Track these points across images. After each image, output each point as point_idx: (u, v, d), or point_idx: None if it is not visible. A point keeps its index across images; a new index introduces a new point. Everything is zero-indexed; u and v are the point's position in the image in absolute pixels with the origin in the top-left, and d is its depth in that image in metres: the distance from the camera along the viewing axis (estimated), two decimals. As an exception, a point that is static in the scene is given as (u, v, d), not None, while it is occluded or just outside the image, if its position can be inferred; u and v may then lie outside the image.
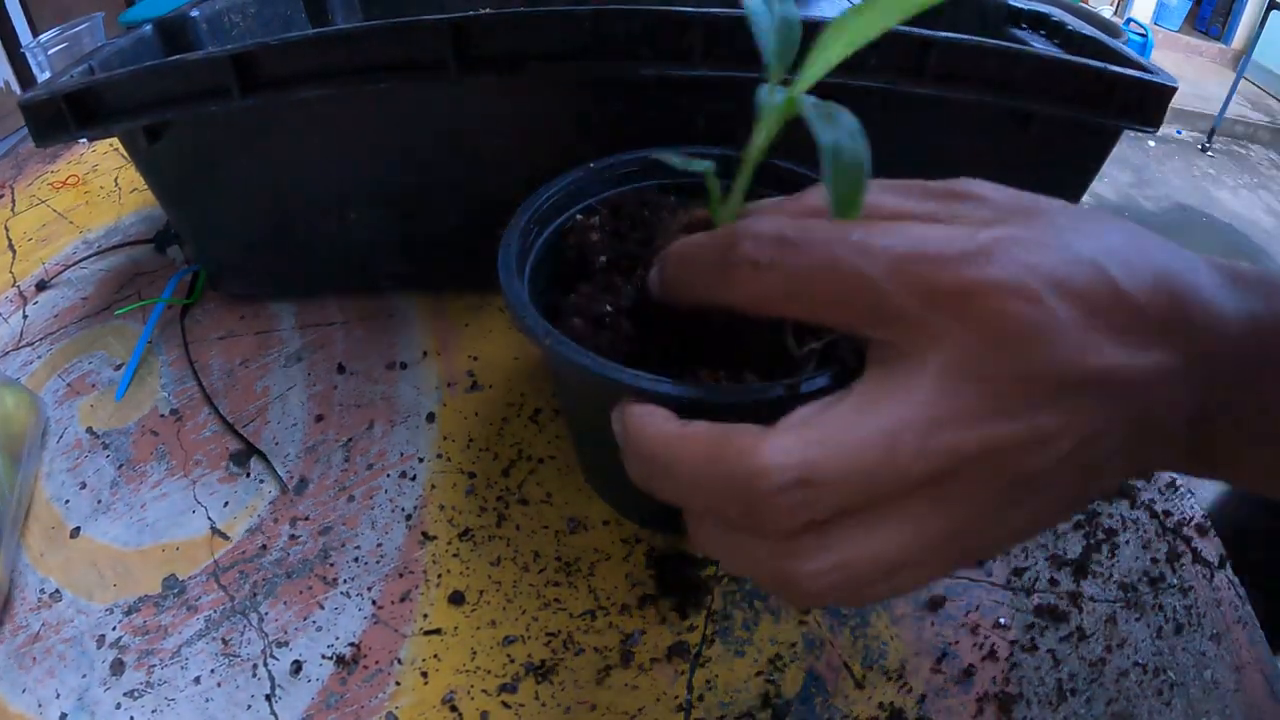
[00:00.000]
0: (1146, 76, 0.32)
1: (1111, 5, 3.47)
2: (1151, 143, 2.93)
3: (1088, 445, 0.16)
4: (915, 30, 0.31)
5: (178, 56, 0.33)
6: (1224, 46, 3.58)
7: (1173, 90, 0.32)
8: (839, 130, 0.20)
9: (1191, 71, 3.30)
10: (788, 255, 0.17)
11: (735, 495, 0.16)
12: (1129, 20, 3.28)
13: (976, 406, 0.15)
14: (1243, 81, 2.89)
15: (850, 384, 0.17)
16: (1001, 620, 0.30)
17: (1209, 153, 2.91)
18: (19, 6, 1.69)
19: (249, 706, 0.27)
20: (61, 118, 0.34)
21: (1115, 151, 0.36)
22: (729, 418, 0.24)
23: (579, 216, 0.30)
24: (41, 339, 0.43)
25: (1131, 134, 0.37)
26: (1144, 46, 2.89)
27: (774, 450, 0.15)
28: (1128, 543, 0.32)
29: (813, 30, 0.21)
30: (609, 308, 0.25)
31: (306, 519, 0.33)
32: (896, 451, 0.15)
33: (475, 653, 0.29)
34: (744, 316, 0.22)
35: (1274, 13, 2.77)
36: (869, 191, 0.18)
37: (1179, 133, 3.03)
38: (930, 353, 0.16)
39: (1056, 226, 0.17)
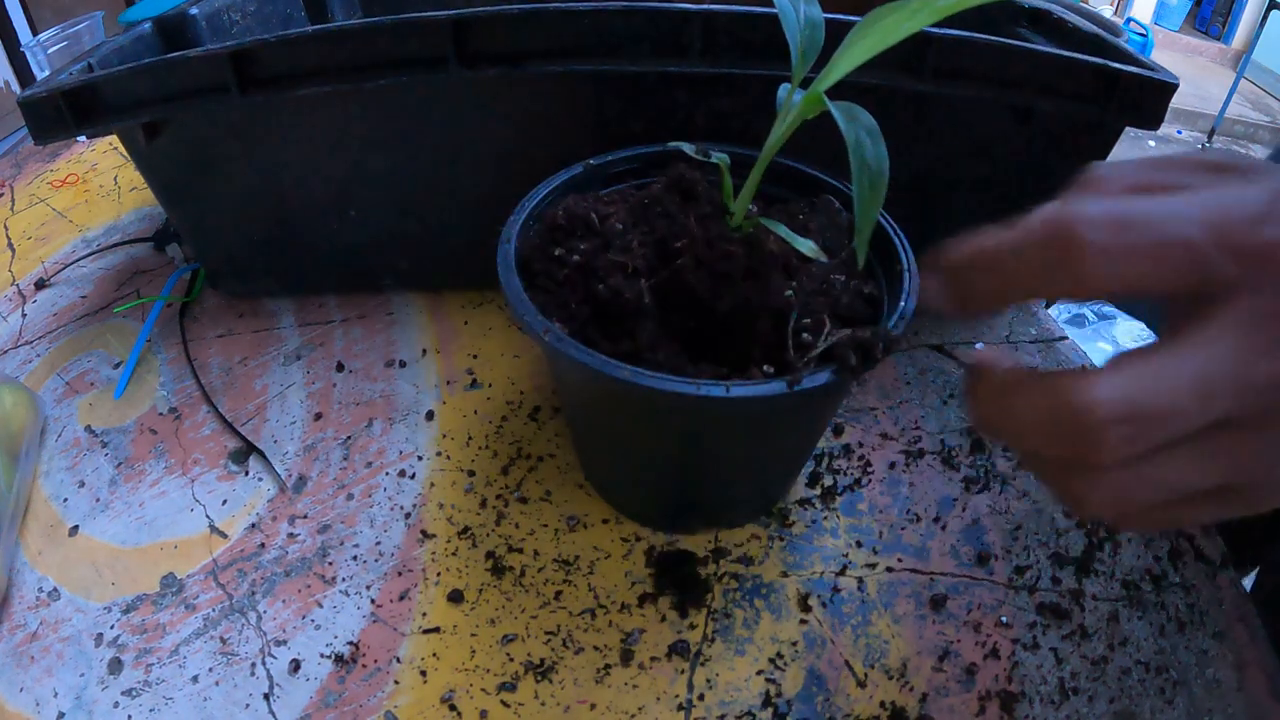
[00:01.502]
0: (1148, 73, 0.32)
1: (1111, 5, 3.47)
2: (1152, 143, 2.93)
3: None
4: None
5: (176, 53, 0.33)
6: (1224, 46, 3.58)
7: (1174, 87, 0.32)
8: (860, 128, 0.21)
9: (1191, 71, 3.30)
10: (1125, 235, 0.18)
11: (1067, 432, 0.17)
12: (1129, 20, 3.28)
13: (1276, 341, 0.17)
14: (1243, 81, 2.89)
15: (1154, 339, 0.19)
16: (1003, 619, 0.30)
17: (1209, 153, 2.90)
18: (19, 6, 1.69)
19: (247, 705, 0.27)
20: (60, 115, 0.34)
21: (1115, 151, 0.36)
22: (731, 414, 0.24)
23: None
24: (40, 337, 0.43)
25: (1132, 134, 0.37)
26: (1144, 46, 2.89)
27: (1103, 387, 0.17)
28: (1130, 540, 0.32)
29: (835, 30, 0.21)
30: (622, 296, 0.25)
31: (305, 517, 0.33)
32: (1210, 390, 0.17)
33: (474, 651, 0.29)
34: (747, 311, 0.21)
35: (1274, 13, 2.77)
36: (1148, 168, 0.20)
37: (1179, 133, 3.03)
38: (1236, 302, 0.17)
39: None
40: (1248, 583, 0.39)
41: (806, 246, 0.24)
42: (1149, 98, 0.32)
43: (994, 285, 0.20)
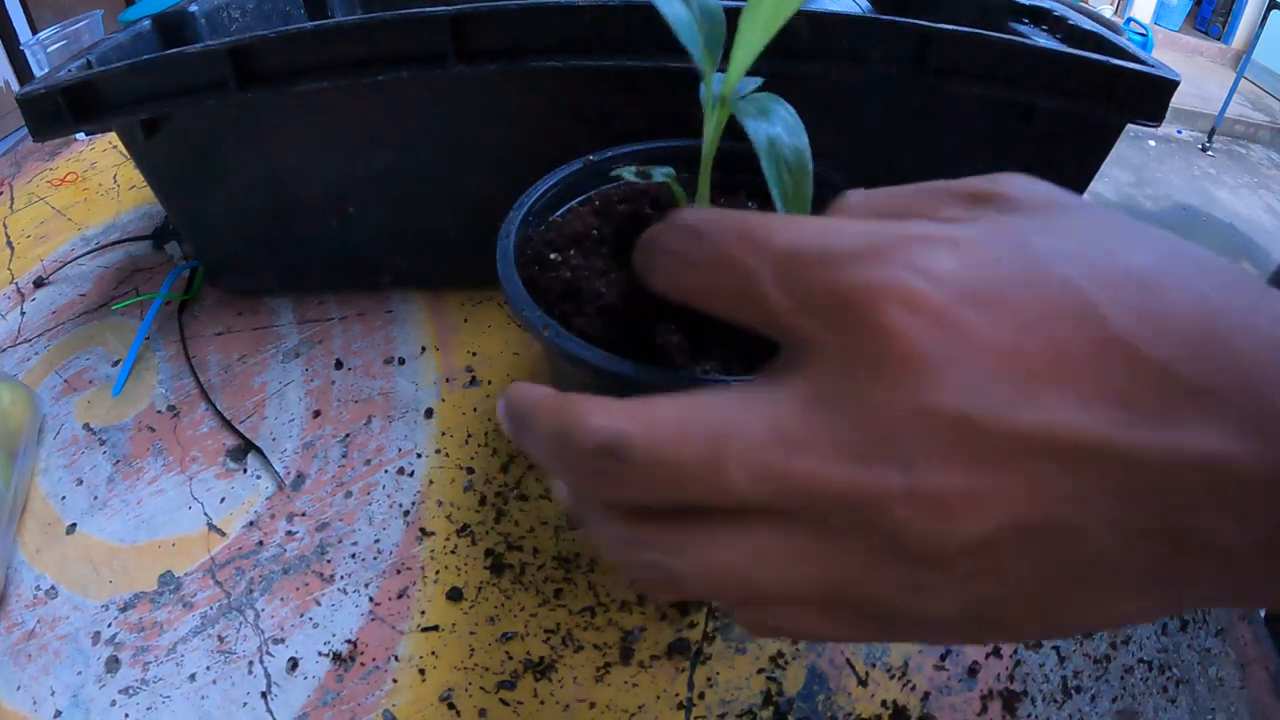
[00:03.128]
0: (1149, 70, 0.32)
1: (1112, 5, 3.47)
2: (1152, 142, 2.93)
3: (1039, 539, 0.12)
4: (916, 23, 0.31)
5: (174, 50, 0.33)
6: (1224, 46, 3.58)
7: (1175, 84, 0.32)
8: (774, 124, 0.19)
9: (1192, 71, 3.30)
10: (692, 245, 0.15)
11: (558, 452, 0.15)
12: (1129, 20, 3.28)
13: (841, 439, 0.12)
14: (1243, 81, 2.89)
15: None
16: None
17: (1209, 152, 2.91)
18: (18, 5, 1.69)
19: (245, 704, 0.27)
20: (59, 111, 0.34)
21: (1115, 151, 0.36)
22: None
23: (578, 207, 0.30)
24: (39, 335, 0.43)
25: (1132, 133, 0.37)
26: (1144, 46, 2.89)
27: (597, 414, 0.14)
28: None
29: (734, 16, 0.20)
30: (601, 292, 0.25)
31: (303, 515, 0.33)
32: (717, 452, 0.13)
33: (473, 650, 0.28)
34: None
35: (1274, 12, 2.77)
36: (894, 194, 0.16)
37: (1179, 132, 3.03)
38: (805, 365, 0.13)
39: (1053, 230, 0.13)
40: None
41: None
42: (1150, 94, 0.32)
43: (638, 262, 0.17)
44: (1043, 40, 0.40)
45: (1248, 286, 0.12)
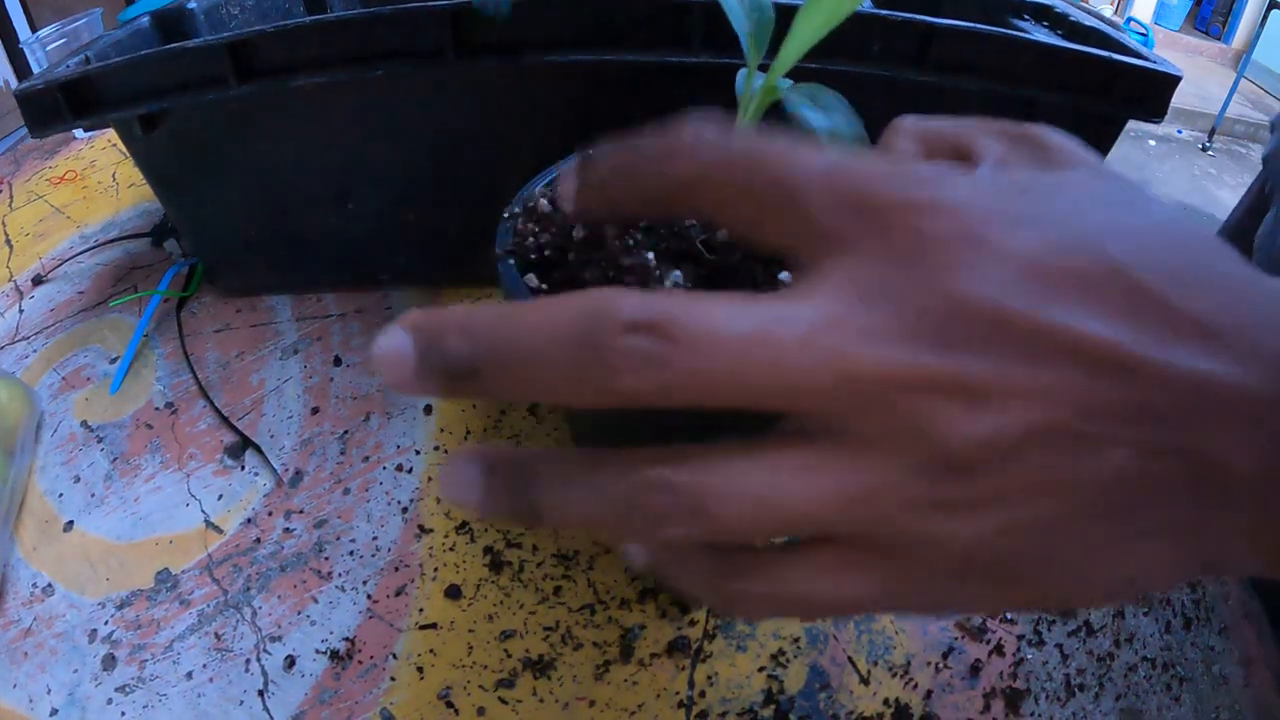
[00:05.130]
0: (1150, 65, 0.32)
1: (1112, 4, 3.47)
2: (1152, 142, 2.93)
3: (1064, 449, 0.12)
4: (918, 18, 0.31)
5: (173, 45, 0.33)
6: (1224, 46, 3.58)
7: (1176, 80, 0.32)
8: (831, 114, 0.20)
9: (1192, 71, 3.30)
10: (721, 147, 0.14)
11: (580, 338, 0.12)
12: (1129, 20, 3.28)
13: (885, 325, 0.12)
14: (1243, 81, 2.89)
15: None
16: (1008, 615, 0.29)
17: (1209, 152, 2.91)
18: (18, 4, 1.69)
19: (241, 702, 0.27)
20: (57, 107, 0.33)
21: (1116, 150, 0.35)
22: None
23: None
24: (37, 333, 0.43)
25: (1132, 133, 0.37)
26: (1145, 46, 2.89)
27: (629, 296, 0.13)
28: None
29: (786, 13, 0.21)
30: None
31: (301, 512, 0.33)
32: (776, 336, 0.12)
33: (472, 648, 0.28)
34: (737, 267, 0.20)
35: (1274, 12, 2.77)
36: (944, 122, 0.17)
37: (1179, 132, 3.03)
38: (840, 267, 0.13)
39: (1080, 184, 0.14)
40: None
41: None
42: (1152, 90, 0.32)
43: (628, 190, 0.16)
44: (1044, 36, 0.40)
45: (1238, 258, 0.14)
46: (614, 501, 0.14)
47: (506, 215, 0.28)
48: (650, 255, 0.25)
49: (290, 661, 0.28)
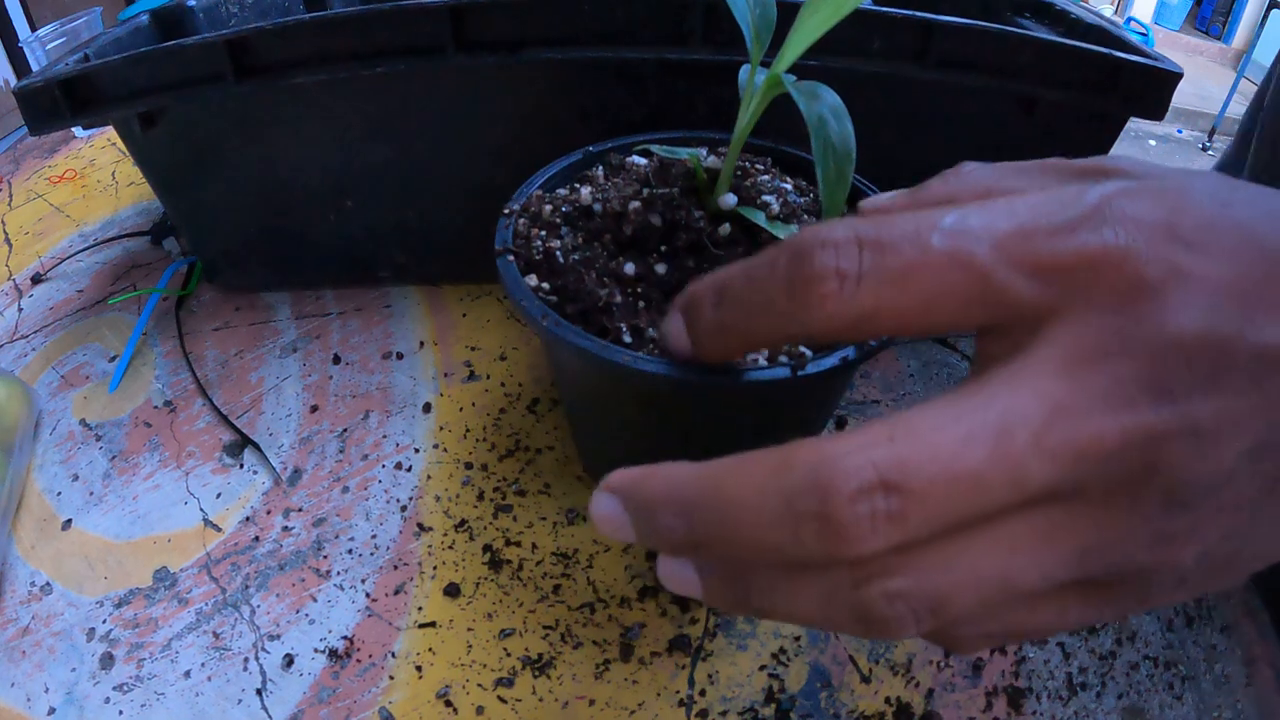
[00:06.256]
0: (1151, 62, 0.31)
1: (1112, 4, 3.47)
2: (1152, 141, 2.93)
3: (1269, 456, 0.13)
4: (918, 15, 0.31)
5: (172, 42, 0.33)
6: (1224, 46, 3.58)
7: (1178, 77, 0.32)
8: (821, 105, 0.20)
9: (1192, 71, 3.30)
10: (877, 257, 0.13)
11: (804, 515, 0.12)
12: (1129, 19, 3.28)
13: (1110, 389, 0.12)
14: (1243, 81, 2.89)
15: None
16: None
17: (1210, 152, 2.90)
18: (18, 4, 1.69)
19: (239, 700, 0.27)
20: (56, 105, 0.33)
21: (1116, 150, 0.35)
22: (736, 400, 0.24)
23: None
24: (36, 332, 0.42)
25: (1133, 132, 0.36)
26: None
27: (848, 448, 0.12)
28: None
29: (788, 10, 0.21)
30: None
31: (300, 510, 0.33)
32: (1010, 447, 0.12)
33: (471, 646, 0.28)
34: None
35: (1274, 12, 2.78)
36: (991, 173, 0.17)
37: (1180, 132, 3.03)
38: (1049, 335, 0.13)
39: (1190, 188, 0.14)
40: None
41: (786, 233, 0.23)
42: (1153, 87, 0.32)
43: (738, 322, 0.16)
44: (1045, 33, 0.40)
45: None
46: (841, 609, 0.14)
47: (506, 212, 0.28)
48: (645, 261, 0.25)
49: (289, 660, 0.28)
